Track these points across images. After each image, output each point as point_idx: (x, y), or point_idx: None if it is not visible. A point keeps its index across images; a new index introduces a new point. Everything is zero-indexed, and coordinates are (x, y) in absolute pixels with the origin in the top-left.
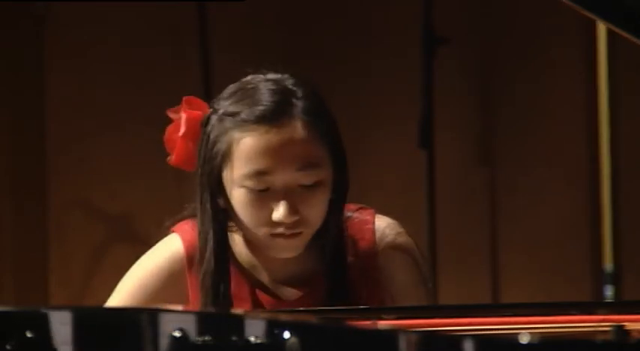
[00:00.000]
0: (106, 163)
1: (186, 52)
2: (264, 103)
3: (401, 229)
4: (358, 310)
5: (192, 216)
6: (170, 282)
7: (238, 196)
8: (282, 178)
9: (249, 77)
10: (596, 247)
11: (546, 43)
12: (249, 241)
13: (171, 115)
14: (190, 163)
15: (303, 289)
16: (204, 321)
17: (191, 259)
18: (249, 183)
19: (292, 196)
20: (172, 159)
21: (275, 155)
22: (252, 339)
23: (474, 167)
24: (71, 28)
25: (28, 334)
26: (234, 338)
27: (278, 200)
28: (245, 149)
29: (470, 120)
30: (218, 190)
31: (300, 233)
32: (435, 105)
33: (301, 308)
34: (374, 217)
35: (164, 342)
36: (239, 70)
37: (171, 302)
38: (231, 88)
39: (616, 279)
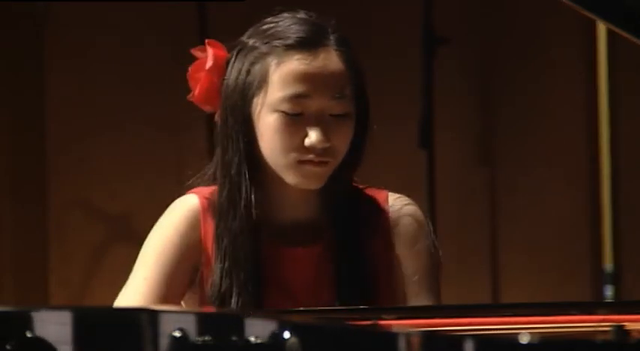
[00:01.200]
0: (106, 163)
1: (186, 52)
2: (301, 29)
3: (412, 201)
4: (358, 310)
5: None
6: (189, 239)
7: (270, 122)
8: (318, 103)
9: (269, 18)
10: (596, 247)
11: (546, 43)
12: (263, 191)
13: (196, 53)
14: (212, 100)
15: (313, 241)
16: (204, 321)
17: (205, 209)
18: (285, 106)
19: (324, 123)
20: (194, 95)
21: (314, 80)
22: (252, 339)
23: (474, 167)
24: (71, 28)
25: (28, 334)
26: (234, 338)
27: (311, 126)
28: (284, 73)
29: (470, 120)
30: (249, 120)
31: (327, 162)
32: (435, 105)
33: (301, 308)
34: (387, 192)
35: (164, 342)
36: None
37: (192, 257)
38: (255, 27)
39: (616, 279)
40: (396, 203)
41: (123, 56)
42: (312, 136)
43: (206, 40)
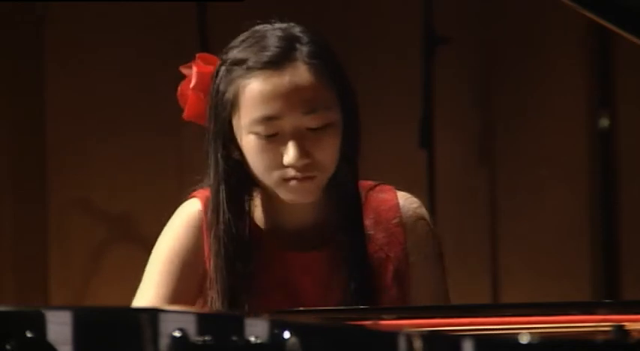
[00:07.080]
0: (106, 163)
1: (187, 52)
2: (270, 49)
3: (420, 202)
4: (358, 310)
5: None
6: (194, 248)
7: (248, 143)
8: (290, 121)
9: (259, 26)
10: (596, 247)
11: (546, 43)
12: (267, 199)
13: (184, 70)
14: (203, 116)
15: (320, 245)
16: (204, 321)
17: (207, 214)
18: (257, 129)
19: (301, 139)
20: (185, 113)
21: (281, 99)
22: (252, 339)
23: (474, 167)
24: (71, 28)
25: (28, 334)
26: (234, 338)
27: (287, 144)
28: (251, 95)
29: (470, 120)
30: (230, 140)
31: (314, 177)
32: (435, 105)
33: (301, 308)
34: (395, 191)
35: (164, 342)
36: None
37: (200, 266)
38: (241, 36)
39: (615, 277)
40: (408, 205)
41: (123, 56)
42: (290, 155)
43: (197, 55)
